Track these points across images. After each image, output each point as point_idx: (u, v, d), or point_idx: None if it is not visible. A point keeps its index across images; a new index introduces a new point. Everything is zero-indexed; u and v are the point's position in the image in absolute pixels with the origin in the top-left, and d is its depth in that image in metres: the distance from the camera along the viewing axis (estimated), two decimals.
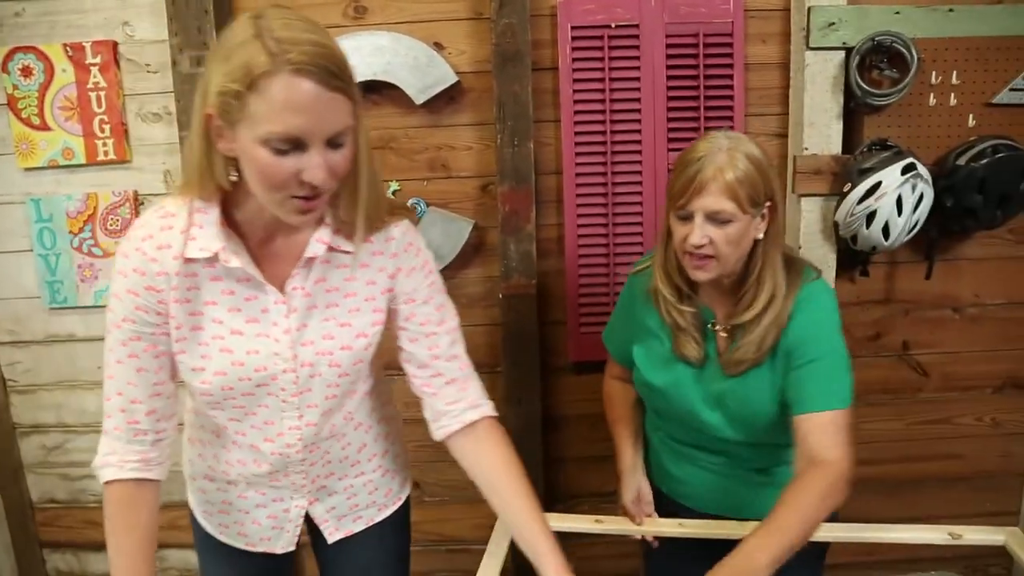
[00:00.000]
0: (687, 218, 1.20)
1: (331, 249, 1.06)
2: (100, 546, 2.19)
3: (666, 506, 1.44)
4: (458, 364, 1.17)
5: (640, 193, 1.90)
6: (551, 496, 2.03)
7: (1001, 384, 2.13)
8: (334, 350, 1.10)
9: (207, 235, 1.01)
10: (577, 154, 1.89)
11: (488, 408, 1.17)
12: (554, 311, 2.00)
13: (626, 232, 1.92)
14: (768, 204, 1.21)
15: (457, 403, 1.15)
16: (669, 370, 1.32)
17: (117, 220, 2.04)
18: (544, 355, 2.00)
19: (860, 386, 1.46)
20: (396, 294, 1.13)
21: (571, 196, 1.91)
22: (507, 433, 1.17)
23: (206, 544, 1.31)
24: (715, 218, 1.17)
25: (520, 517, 1.10)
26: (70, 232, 2.04)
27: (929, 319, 2.08)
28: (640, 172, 1.89)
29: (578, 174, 1.90)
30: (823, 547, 1.42)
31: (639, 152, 1.88)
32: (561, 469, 2.05)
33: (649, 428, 1.47)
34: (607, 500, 1.97)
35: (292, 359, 1.08)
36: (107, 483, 1.08)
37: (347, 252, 1.08)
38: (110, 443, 1.09)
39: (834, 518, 1.29)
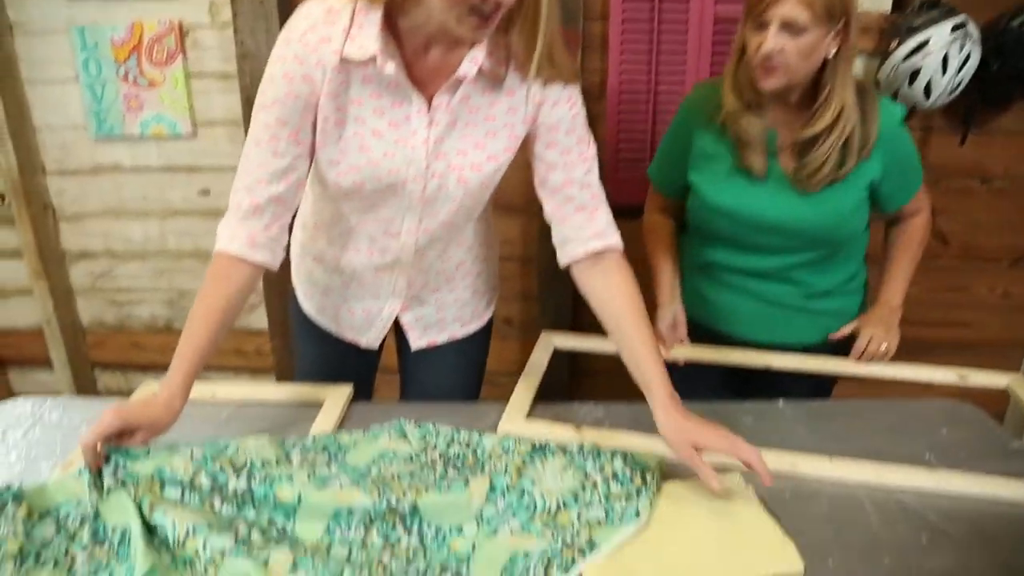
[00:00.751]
0: (762, 27, 1.23)
1: (482, 72, 1.07)
2: (145, 367, 2.33)
3: (700, 335, 1.51)
4: (590, 192, 1.17)
5: (685, 43, 1.90)
6: (580, 330, 2.09)
7: (1018, 258, 2.20)
8: (464, 168, 1.13)
9: (367, 36, 1.02)
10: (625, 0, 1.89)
11: (614, 239, 1.19)
12: None
13: (669, 80, 1.94)
14: (843, 21, 1.23)
15: (583, 230, 1.17)
16: (733, 188, 1.37)
17: (163, 51, 2.06)
18: None
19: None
20: (538, 124, 1.14)
21: (616, 42, 1.91)
22: (631, 271, 1.20)
23: (302, 323, 1.42)
24: (790, 27, 1.20)
25: (636, 347, 1.13)
26: (116, 61, 2.05)
27: (956, 188, 2.12)
28: (686, 22, 1.89)
29: (624, 20, 1.90)
30: (831, 382, 1.52)
31: (687, 1, 1.88)
32: (589, 315, 2.12)
33: (692, 259, 1.53)
34: None
35: (424, 169, 1.12)
36: (214, 254, 1.13)
37: (497, 77, 1.09)
38: (228, 217, 1.13)
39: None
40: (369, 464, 1.09)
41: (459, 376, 1.46)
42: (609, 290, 1.18)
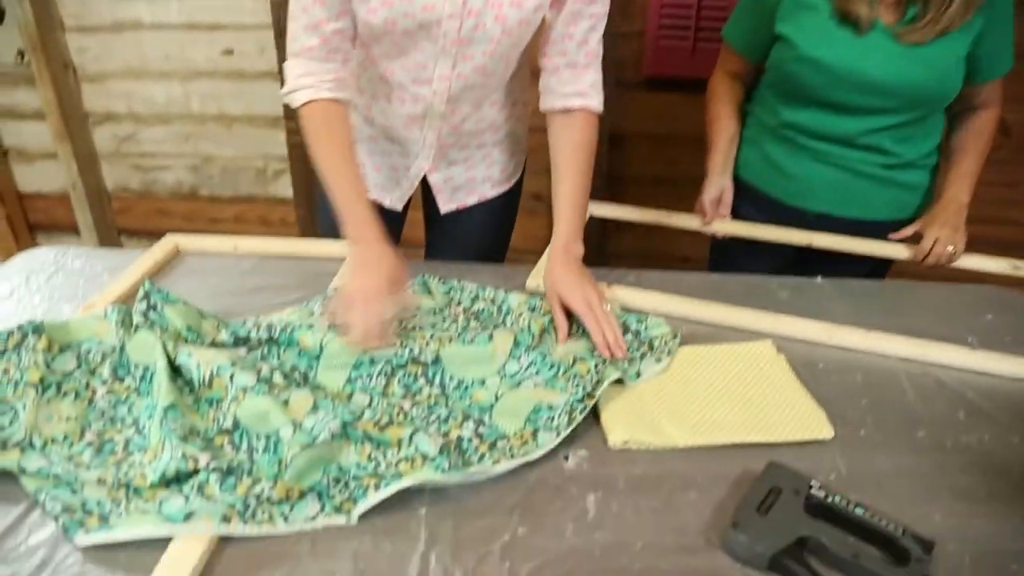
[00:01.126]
0: None
1: None
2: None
3: (766, 208, 1.45)
4: (584, 51, 1.15)
5: None
6: None
7: None
8: (503, 4, 1.06)
9: None
10: None
11: (594, 102, 1.18)
12: (630, 21, 1.91)
13: None
14: None
15: (567, 86, 1.16)
16: (830, 40, 1.26)
17: None
18: (616, 68, 1.94)
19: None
20: None
21: None
22: (595, 133, 1.20)
23: None
24: None
25: (559, 194, 1.17)
26: None
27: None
28: None
29: None
30: (887, 265, 1.45)
31: None
32: (622, 188, 2.07)
33: (766, 123, 1.43)
34: None
35: (460, 5, 1.05)
36: (304, 105, 1.09)
37: None
38: (304, 64, 1.08)
39: None
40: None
41: (487, 238, 1.43)
42: (568, 143, 1.19)
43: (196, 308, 1.08)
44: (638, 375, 0.99)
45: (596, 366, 0.98)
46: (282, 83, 1.12)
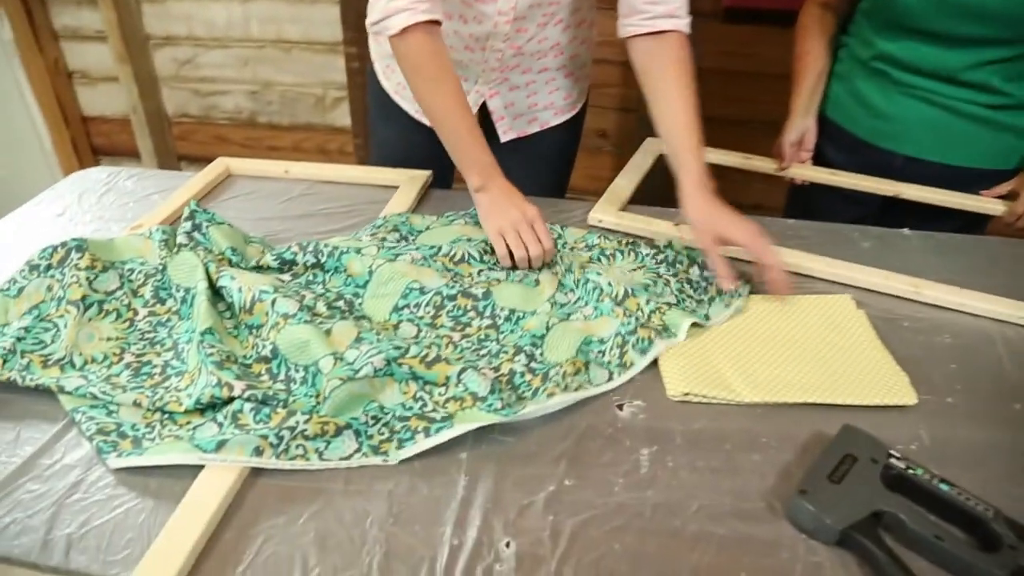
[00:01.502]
0: None
1: None
2: None
3: (857, 152, 1.32)
4: None
5: None
6: None
7: None
8: None
9: None
10: None
11: (684, 23, 1.07)
12: None
13: None
14: None
15: (657, 6, 1.05)
16: None
17: None
18: None
19: None
20: None
21: None
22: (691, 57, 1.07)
23: (380, 104, 1.32)
24: None
25: (673, 127, 1.04)
26: None
27: None
28: None
29: None
30: (983, 221, 1.32)
31: None
32: None
33: (861, 57, 1.29)
34: None
35: None
36: (402, 32, 0.99)
37: None
38: None
39: None
40: (440, 246, 1.02)
41: (548, 170, 1.36)
42: (669, 62, 1.06)
43: (241, 231, 1.05)
44: (707, 318, 0.92)
45: (648, 301, 0.91)
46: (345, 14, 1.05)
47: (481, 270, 0.98)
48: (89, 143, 2.38)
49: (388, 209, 1.14)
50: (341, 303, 0.92)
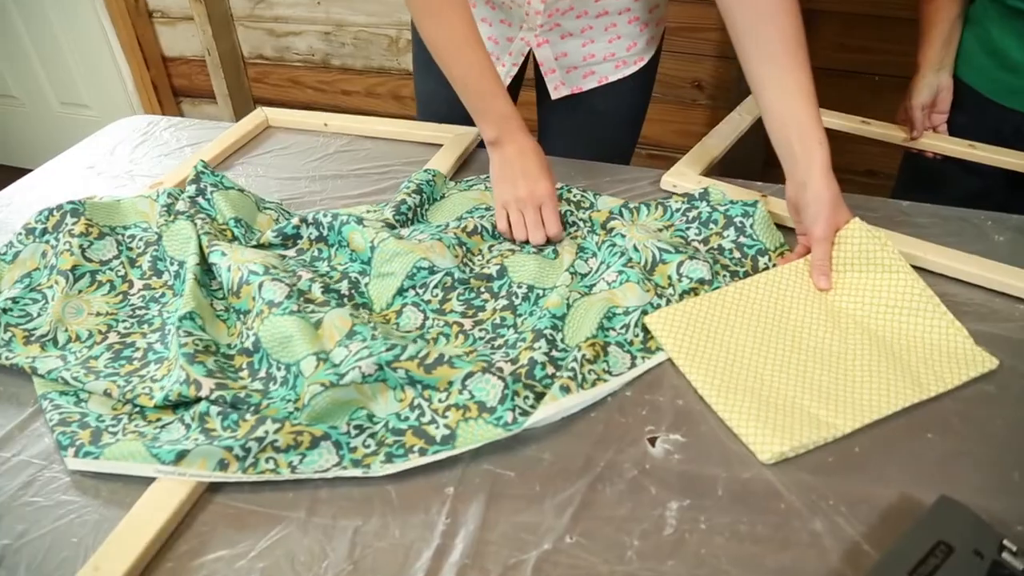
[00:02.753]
0: None
1: None
2: (304, 106, 2.24)
3: (996, 120, 1.09)
4: None
5: None
6: None
7: None
8: None
9: None
10: None
11: None
12: None
13: None
14: None
15: None
16: None
17: None
18: None
19: None
20: None
21: None
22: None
23: (421, 54, 1.17)
24: None
25: (787, 92, 0.81)
26: None
27: None
28: None
29: None
30: None
31: None
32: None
33: (994, 4, 1.04)
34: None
35: None
36: None
37: None
38: None
39: None
40: (449, 221, 0.89)
41: (609, 133, 1.17)
42: (762, 8, 0.81)
43: (255, 197, 0.94)
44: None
45: (681, 276, 0.78)
46: None
47: (492, 245, 0.86)
48: (171, 84, 2.36)
49: (429, 166, 1.02)
50: (344, 284, 0.80)
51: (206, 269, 0.81)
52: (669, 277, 0.79)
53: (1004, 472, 0.60)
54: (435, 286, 0.79)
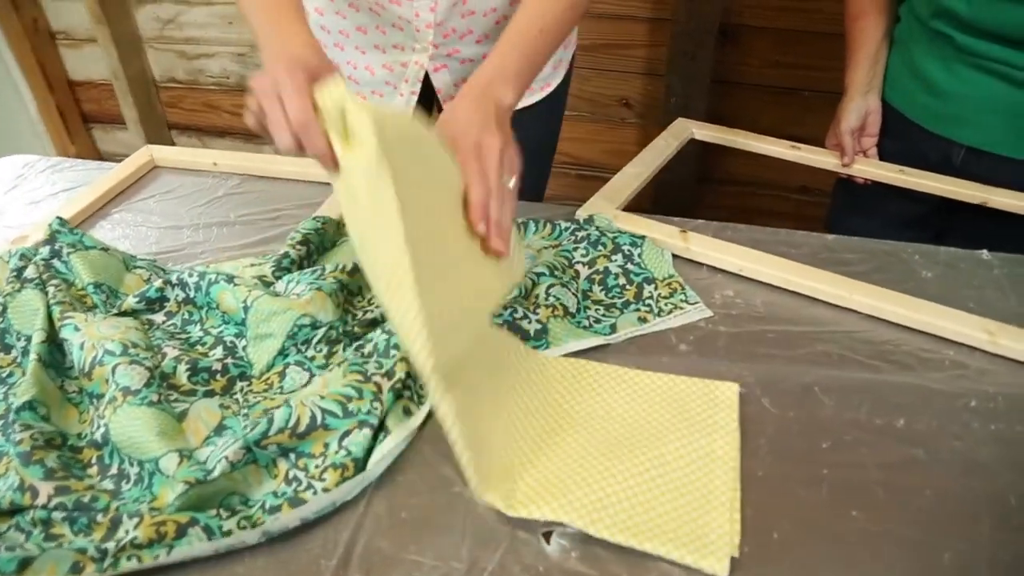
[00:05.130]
0: None
1: None
2: (221, 131, 2.13)
3: (920, 144, 1.05)
4: None
5: None
6: (717, 121, 1.65)
7: None
8: None
9: None
10: None
11: None
12: None
13: None
14: None
15: None
16: None
17: None
18: None
19: None
20: None
21: None
22: None
23: None
24: None
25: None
26: None
27: None
28: None
29: None
30: None
31: None
32: (729, 96, 1.65)
33: (923, 24, 1.00)
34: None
35: None
36: None
37: None
38: None
39: None
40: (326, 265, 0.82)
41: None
42: None
43: (123, 254, 0.85)
44: (613, 330, 0.74)
45: (549, 290, 0.75)
46: None
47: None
48: (79, 109, 2.22)
49: (323, 211, 0.93)
50: (219, 350, 0.72)
51: (58, 345, 0.71)
52: (536, 296, 0.75)
53: (933, 554, 0.54)
54: (318, 341, 0.71)
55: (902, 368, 0.70)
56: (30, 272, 0.78)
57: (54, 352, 0.70)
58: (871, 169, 1.07)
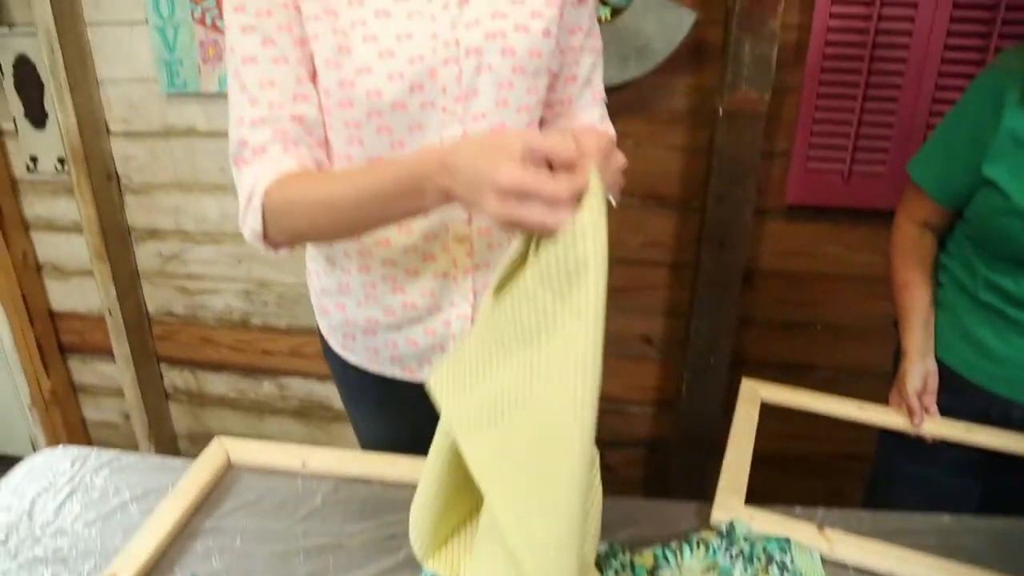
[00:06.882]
0: None
1: None
2: (217, 366, 2.04)
3: (970, 401, 1.10)
4: (591, 91, 0.96)
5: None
6: (737, 357, 1.72)
7: None
8: (506, 31, 0.83)
9: None
10: None
11: (610, 130, 0.98)
12: (776, 140, 1.58)
13: (892, 43, 1.46)
14: None
15: (575, 121, 0.96)
16: None
17: None
18: (755, 194, 1.62)
19: None
20: None
21: None
22: None
23: (349, 384, 1.07)
24: None
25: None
26: (191, 0, 1.70)
27: None
28: None
29: None
30: None
31: None
32: (748, 330, 1.72)
33: (967, 291, 1.10)
34: (793, 374, 1.70)
35: (454, 45, 0.81)
36: (265, 193, 0.79)
37: None
38: (258, 165, 0.80)
39: None
40: None
41: None
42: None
43: None
44: None
45: None
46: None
47: None
48: (57, 341, 2.09)
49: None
50: None
51: None
52: None
53: None
54: None
55: None
56: None
57: None
58: (941, 429, 1.10)
